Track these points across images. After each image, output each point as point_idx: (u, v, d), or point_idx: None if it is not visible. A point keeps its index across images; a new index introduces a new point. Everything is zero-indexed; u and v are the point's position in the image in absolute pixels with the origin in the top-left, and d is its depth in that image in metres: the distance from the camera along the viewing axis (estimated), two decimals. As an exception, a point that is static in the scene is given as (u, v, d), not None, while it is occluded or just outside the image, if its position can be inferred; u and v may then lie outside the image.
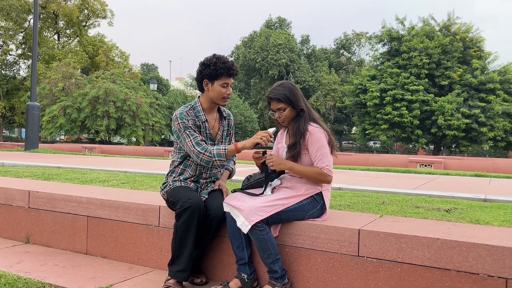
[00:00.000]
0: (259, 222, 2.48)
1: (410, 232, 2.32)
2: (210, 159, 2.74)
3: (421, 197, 4.00)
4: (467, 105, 27.70)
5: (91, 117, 25.10)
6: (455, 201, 3.71)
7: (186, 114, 2.85)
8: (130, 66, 38.26)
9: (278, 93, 2.73)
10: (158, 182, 4.83)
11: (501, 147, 29.07)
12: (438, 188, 5.03)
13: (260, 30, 40.42)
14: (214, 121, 2.99)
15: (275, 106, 2.76)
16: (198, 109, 2.92)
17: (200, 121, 2.90)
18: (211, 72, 2.80)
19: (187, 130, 2.81)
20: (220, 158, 2.74)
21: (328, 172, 2.60)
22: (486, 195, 4.24)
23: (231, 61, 2.83)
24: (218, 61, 2.79)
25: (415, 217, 2.91)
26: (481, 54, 30.07)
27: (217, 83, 2.83)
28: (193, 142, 2.78)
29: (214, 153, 2.73)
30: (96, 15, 37.17)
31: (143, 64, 54.61)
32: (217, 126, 3.01)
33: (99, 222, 3.45)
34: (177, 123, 2.84)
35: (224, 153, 2.74)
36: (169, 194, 2.87)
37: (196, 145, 2.77)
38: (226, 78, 2.82)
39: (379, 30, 32.64)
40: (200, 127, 2.90)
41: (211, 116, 2.98)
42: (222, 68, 2.78)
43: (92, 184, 4.61)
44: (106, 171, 6.17)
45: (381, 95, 29.41)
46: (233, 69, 2.82)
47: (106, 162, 8.95)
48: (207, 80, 2.85)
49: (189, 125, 2.82)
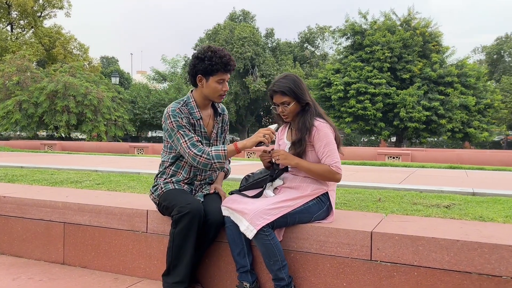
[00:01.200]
0: (264, 227, 2.29)
1: (427, 234, 2.20)
2: (209, 161, 2.51)
3: (412, 192, 3.94)
4: (427, 98, 28.50)
5: (50, 112, 23.95)
6: (449, 196, 3.67)
7: (179, 112, 2.60)
8: (90, 59, 36.83)
9: (282, 85, 2.54)
10: (136, 182, 4.53)
11: (458, 138, 30.16)
12: (422, 181, 5.01)
13: (224, 22, 39.85)
14: (208, 118, 2.75)
15: (278, 99, 2.56)
16: (191, 105, 2.68)
17: (195, 119, 2.66)
18: (206, 67, 2.55)
19: (181, 130, 2.56)
20: (220, 160, 2.51)
21: (337, 169, 2.44)
22: (473, 189, 4.24)
23: (228, 55, 2.58)
24: (214, 55, 2.54)
25: (418, 215, 2.82)
26: (440, 49, 30.99)
27: (212, 79, 2.58)
28: (188, 143, 2.54)
29: (213, 155, 2.51)
30: (52, 5, 35.43)
31: (103, 57, 52.77)
32: (211, 124, 2.77)
33: (78, 228, 3.15)
34: (170, 121, 2.59)
35: (223, 154, 2.51)
36: (162, 198, 2.62)
37: (192, 147, 2.53)
38: (223, 74, 2.58)
39: (343, 24, 32.97)
40: (194, 125, 2.67)
41: (205, 112, 2.74)
42: (219, 63, 2.53)
43: (63, 185, 4.26)
44: (76, 171, 5.78)
45: (345, 88, 29.73)
46: (231, 64, 2.57)
47: (72, 160, 8.47)
48: (201, 76, 2.61)
49: (183, 123, 2.58)
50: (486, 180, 5.36)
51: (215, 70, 2.55)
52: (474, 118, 28.42)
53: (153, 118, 30.61)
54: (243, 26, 37.90)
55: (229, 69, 2.57)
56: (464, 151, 17.01)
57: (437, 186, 4.38)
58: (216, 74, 2.56)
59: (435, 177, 5.63)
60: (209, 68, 2.54)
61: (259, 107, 40.71)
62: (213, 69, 2.54)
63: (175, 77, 37.61)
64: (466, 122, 28.60)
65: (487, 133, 28.71)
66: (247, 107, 37.40)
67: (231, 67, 2.58)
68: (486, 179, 5.43)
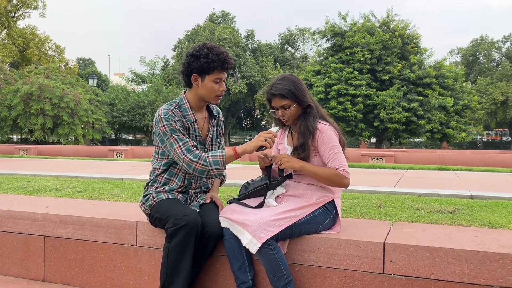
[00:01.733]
0: (269, 239, 2.11)
1: (443, 244, 2.06)
2: (206, 168, 2.31)
3: (411, 196, 3.82)
4: (407, 99, 28.83)
5: (24, 115, 23.20)
6: (450, 200, 3.56)
7: (172, 114, 2.39)
8: (66, 60, 35.95)
9: (281, 88, 2.36)
10: (120, 189, 4.28)
11: (437, 138, 30.62)
12: (416, 184, 4.92)
13: (203, 24, 39.55)
14: (203, 121, 2.55)
15: (278, 103, 2.38)
16: (185, 107, 2.47)
17: (189, 122, 2.46)
18: (202, 65, 2.35)
19: (174, 134, 2.35)
20: (218, 166, 2.31)
21: (345, 173, 2.27)
22: (470, 191, 4.15)
23: (225, 52, 2.39)
24: (210, 52, 2.35)
25: (425, 222, 2.68)
26: (418, 50, 31.44)
27: (208, 79, 2.38)
28: (183, 148, 2.33)
29: (210, 161, 2.31)
30: (26, 6, 34.41)
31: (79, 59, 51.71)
32: (206, 127, 2.57)
33: (60, 242, 2.90)
34: (162, 125, 2.38)
35: (221, 160, 2.32)
36: (154, 209, 2.40)
37: (186, 152, 2.32)
38: (220, 73, 2.38)
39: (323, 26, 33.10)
40: (188, 129, 2.46)
41: (200, 115, 2.54)
42: (216, 61, 2.34)
43: (42, 194, 3.98)
44: (55, 177, 5.47)
45: (325, 90, 29.84)
46: (228, 62, 2.38)
47: (49, 165, 8.10)
48: (197, 75, 2.41)
49: (176, 127, 2.37)
50: (479, 182, 5.31)
51: (211, 68, 2.35)
52: (452, 118, 28.92)
53: (132, 121, 30.02)
54: (223, 27, 37.68)
55: (226, 67, 2.38)
56: (446, 151, 17.19)
57: (434, 189, 4.28)
58: (213, 72, 2.37)
59: (427, 180, 5.55)
60: (205, 66, 2.35)
61: (240, 109, 40.53)
62: (210, 67, 2.35)
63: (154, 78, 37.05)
64: (445, 122, 29.05)
65: (465, 133, 29.23)
66: (228, 109, 37.16)
67: (228, 65, 2.39)
68: (479, 181, 5.38)
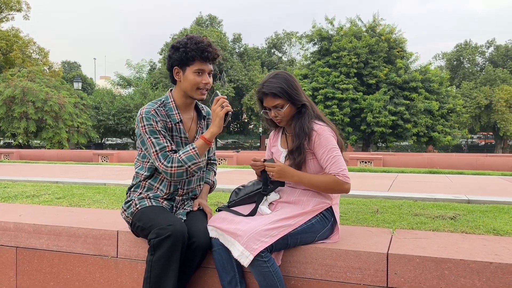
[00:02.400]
0: (262, 251, 1.92)
1: (451, 255, 1.90)
2: (182, 168, 2.12)
3: (407, 201, 3.67)
4: (393, 102, 28.97)
5: (7, 119, 22.66)
6: (448, 205, 3.42)
7: (154, 114, 2.20)
8: (50, 63, 35.28)
9: (273, 86, 2.17)
10: (102, 195, 4.06)
11: (423, 142, 30.81)
12: (410, 188, 4.78)
13: (190, 27, 39.29)
14: (190, 121, 2.36)
15: (270, 103, 2.20)
16: (170, 106, 2.28)
17: (173, 122, 2.27)
18: (180, 56, 2.17)
19: (153, 136, 2.16)
20: (193, 161, 2.12)
21: (345, 178, 2.09)
22: (466, 196, 4.03)
23: (206, 41, 2.19)
24: (189, 41, 2.16)
25: (426, 229, 2.53)
26: (404, 54, 31.67)
27: (189, 70, 2.20)
28: (159, 154, 2.14)
29: (183, 159, 2.11)
30: (9, 8, 33.75)
31: (64, 62, 50.92)
32: (194, 128, 2.37)
33: (33, 254, 2.67)
34: (142, 125, 2.18)
35: (194, 153, 2.13)
36: (136, 217, 2.20)
37: (162, 158, 2.13)
38: (201, 63, 2.19)
39: (310, 30, 33.13)
40: (172, 130, 2.26)
41: (186, 115, 2.35)
42: (194, 50, 2.15)
43: (17, 201, 3.73)
44: (34, 182, 5.21)
45: (313, 93, 29.79)
46: (209, 51, 2.18)
47: (30, 170, 7.79)
48: (178, 68, 2.22)
49: (157, 128, 2.17)
50: (472, 185, 5.20)
51: (190, 58, 2.17)
52: (438, 122, 29.17)
53: (117, 125, 29.58)
54: (210, 31, 37.52)
55: (207, 56, 2.18)
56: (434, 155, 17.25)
57: (429, 194, 4.15)
58: (193, 63, 2.18)
59: (421, 183, 5.43)
60: (183, 56, 2.17)
61: (227, 112, 40.25)
62: (189, 57, 2.16)
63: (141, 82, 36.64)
64: (430, 126, 29.25)
65: (450, 137, 29.48)
66: (215, 113, 36.86)
67: (209, 54, 2.19)
68: (472, 185, 5.27)
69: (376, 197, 4.01)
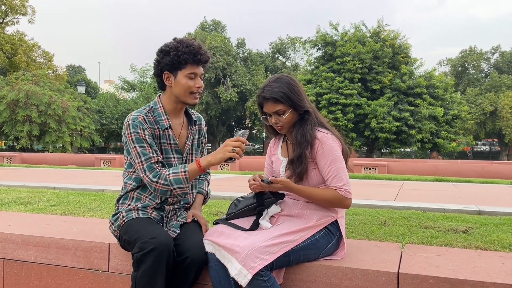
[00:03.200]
0: (262, 269, 1.77)
1: (469, 275, 1.74)
2: (167, 188, 1.99)
3: (415, 212, 3.51)
4: (397, 108, 28.78)
5: (10, 122, 22.69)
6: (458, 217, 3.25)
7: (141, 121, 2.07)
8: (55, 67, 35.38)
9: (275, 90, 2.03)
10: (98, 202, 3.92)
11: (428, 148, 30.57)
12: (417, 198, 4.62)
13: (194, 32, 39.33)
14: (180, 127, 2.22)
15: (271, 108, 2.06)
16: (158, 112, 2.15)
17: (161, 128, 2.13)
18: (171, 59, 2.05)
19: (139, 145, 2.03)
20: (180, 185, 1.99)
21: (346, 193, 1.95)
22: (477, 206, 3.86)
23: (197, 44, 2.08)
24: (180, 44, 2.05)
25: (437, 244, 2.37)
26: (409, 60, 31.51)
27: (181, 74, 2.08)
28: (145, 165, 2.01)
29: (171, 180, 1.98)
30: (15, 12, 33.90)
31: (69, 66, 51.08)
32: (184, 134, 2.24)
33: (21, 266, 2.53)
34: (128, 132, 2.05)
35: (184, 177, 1.99)
36: (123, 230, 2.05)
37: (147, 170, 2.01)
38: (193, 67, 2.07)
39: (314, 35, 33.05)
40: (160, 137, 2.13)
41: (176, 120, 2.21)
42: (186, 53, 2.04)
43: (10, 208, 3.60)
44: (30, 188, 5.08)
45: (317, 99, 29.67)
46: (201, 53, 2.07)
47: (29, 174, 7.68)
48: (168, 72, 2.10)
49: (143, 137, 2.04)
50: (482, 195, 5.03)
51: (182, 61, 2.05)
52: (442, 128, 28.94)
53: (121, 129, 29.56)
54: (214, 35, 37.52)
55: (199, 59, 2.07)
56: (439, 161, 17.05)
57: (438, 204, 3.98)
58: (185, 67, 2.06)
59: (427, 192, 5.26)
60: (175, 60, 2.04)
61: (231, 117, 40.22)
62: (180, 61, 2.04)
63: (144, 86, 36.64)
64: (435, 132, 29.03)
65: (455, 143, 29.23)
66: (218, 117, 36.84)
67: (202, 57, 2.07)
68: (482, 194, 5.10)
69: (382, 207, 3.86)
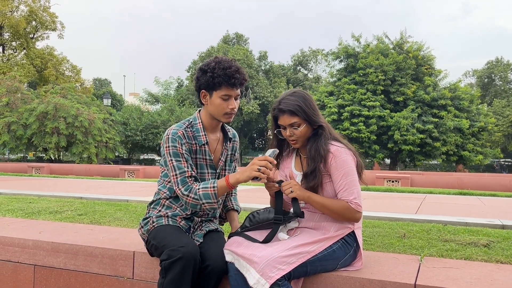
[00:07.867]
0: (280, 279, 1.82)
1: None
2: (197, 202, 2.07)
3: (436, 225, 3.49)
4: (421, 120, 28.37)
5: (39, 134, 23.35)
6: (481, 231, 3.23)
7: (181, 136, 2.16)
8: (82, 80, 36.46)
9: (291, 103, 2.09)
10: (123, 212, 4.05)
11: (453, 161, 29.95)
12: (439, 211, 4.58)
13: (217, 45, 39.93)
14: (216, 143, 2.31)
15: (286, 121, 2.11)
16: (197, 127, 2.24)
17: (198, 144, 2.22)
18: (207, 80, 2.13)
19: (175, 159, 2.12)
20: (209, 200, 2.06)
21: (357, 207, 1.99)
22: (501, 220, 3.81)
23: (234, 66, 2.14)
24: (217, 66, 2.11)
25: (457, 257, 2.37)
26: (432, 72, 31.11)
27: (216, 95, 2.15)
28: (178, 178, 2.10)
29: (200, 194, 2.06)
30: (45, 27, 35.20)
31: (95, 79, 52.52)
32: (219, 149, 2.32)
33: (51, 272, 2.65)
34: (167, 145, 2.15)
35: (213, 192, 2.06)
36: (152, 235, 2.15)
37: (180, 184, 2.09)
38: (228, 89, 2.14)
39: (336, 47, 33.05)
40: (196, 152, 2.22)
41: (213, 136, 2.30)
42: (221, 75, 2.10)
43: (40, 217, 3.76)
44: (58, 198, 5.27)
45: (339, 111, 29.56)
46: (236, 77, 2.13)
47: (57, 185, 7.93)
48: (205, 91, 2.18)
49: (181, 151, 2.13)
50: (507, 209, 4.94)
51: (217, 83, 2.12)
52: (468, 141, 28.31)
53: (145, 140, 30.08)
54: (237, 48, 37.98)
55: (234, 82, 2.13)
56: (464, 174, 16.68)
57: (460, 217, 3.95)
58: (220, 88, 2.13)
59: (450, 205, 5.20)
60: (210, 81, 2.12)
61: (252, 129, 40.42)
62: (215, 83, 2.12)
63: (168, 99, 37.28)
64: (460, 145, 28.44)
65: (482, 156, 28.53)
66: (240, 129, 37.08)
67: (237, 80, 2.14)
68: (506, 208, 5.01)
69: (403, 219, 3.85)
